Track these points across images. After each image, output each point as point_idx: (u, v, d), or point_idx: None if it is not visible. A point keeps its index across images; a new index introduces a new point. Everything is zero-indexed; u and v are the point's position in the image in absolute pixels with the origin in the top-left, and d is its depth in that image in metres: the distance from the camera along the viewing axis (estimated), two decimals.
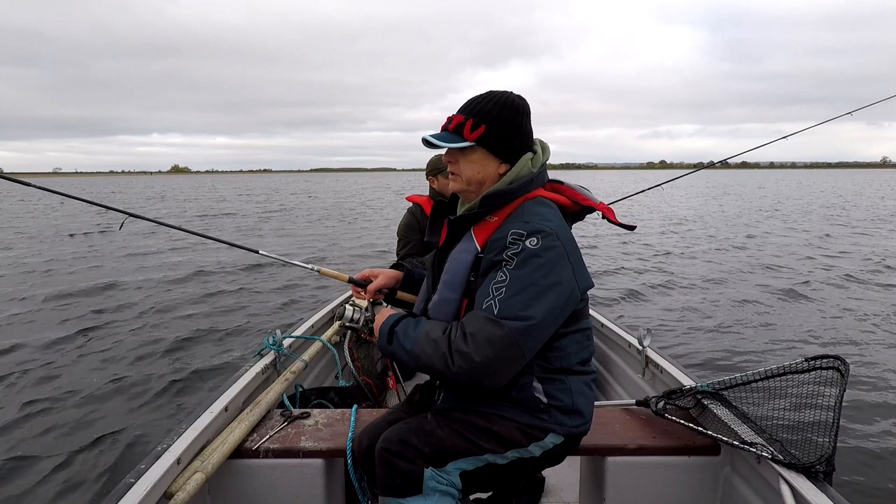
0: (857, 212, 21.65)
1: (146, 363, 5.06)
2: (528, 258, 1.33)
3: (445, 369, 1.33)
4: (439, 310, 1.50)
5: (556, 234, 1.37)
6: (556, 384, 1.47)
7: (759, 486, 1.68)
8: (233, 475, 1.79)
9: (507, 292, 1.32)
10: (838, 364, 1.64)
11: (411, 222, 3.23)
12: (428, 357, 1.36)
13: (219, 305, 7.24)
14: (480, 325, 1.31)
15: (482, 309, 1.33)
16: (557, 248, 1.36)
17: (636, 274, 9.24)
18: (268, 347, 2.44)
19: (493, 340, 1.29)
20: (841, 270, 9.29)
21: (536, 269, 1.33)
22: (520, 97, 1.50)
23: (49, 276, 9.45)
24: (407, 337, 1.41)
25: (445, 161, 1.54)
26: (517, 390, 1.46)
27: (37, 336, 5.88)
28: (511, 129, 1.46)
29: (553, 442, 1.49)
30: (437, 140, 1.46)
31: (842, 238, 13.70)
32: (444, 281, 1.50)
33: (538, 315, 1.31)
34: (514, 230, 1.37)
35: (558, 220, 1.44)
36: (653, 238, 14.08)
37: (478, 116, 1.45)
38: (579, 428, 1.51)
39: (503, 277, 1.33)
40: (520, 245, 1.34)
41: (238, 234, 16.15)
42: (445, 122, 1.50)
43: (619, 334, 2.82)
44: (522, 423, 1.46)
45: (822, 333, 5.89)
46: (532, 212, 1.43)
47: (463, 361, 1.30)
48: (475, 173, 1.48)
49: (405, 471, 1.42)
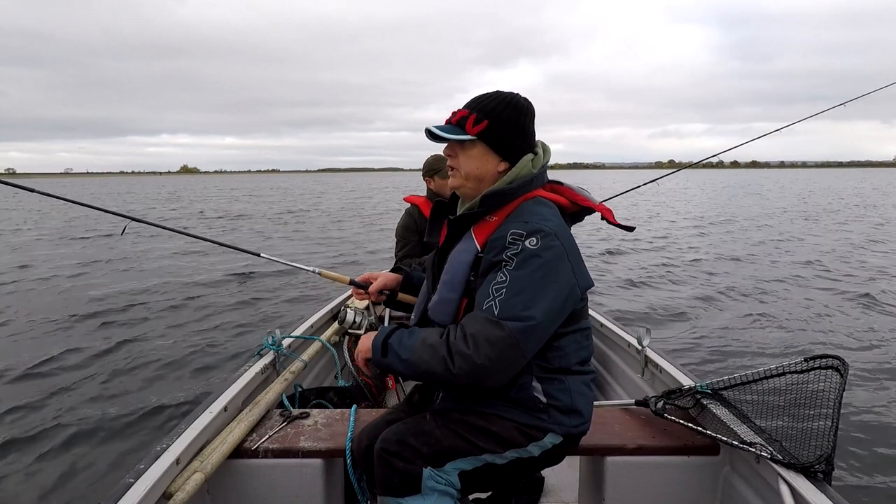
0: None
1: (146, 363, 5.06)
2: (528, 258, 1.33)
3: (446, 372, 1.32)
4: (439, 310, 1.50)
5: (556, 234, 1.37)
6: (556, 384, 1.47)
7: (758, 486, 1.68)
8: (232, 475, 1.79)
9: (507, 293, 1.32)
10: (837, 364, 1.64)
11: (409, 223, 3.22)
12: (426, 363, 1.35)
13: (219, 306, 7.24)
14: (481, 326, 1.31)
15: (482, 310, 1.33)
16: (557, 248, 1.36)
17: (640, 270, 9.26)
18: (267, 347, 2.44)
19: (494, 341, 1.29)
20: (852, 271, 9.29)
21: (536, 270, 1.33)
22: (526, 99, 1.51)
23: (50, 276, 9.46)
24: (403, 347, 1.40)
25: (446, 154, 1.54)
26: (516, 390, 1.45)
27: (37, 335, 5.88)
28: (513, 128, 1.46)
29: (552, 442, 1.49)
30: (440, 131, 1.46)
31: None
32: (444, 281, 1.50)
33: (538, 315, 1.31)
34: (514, 230, 1.37)
35: (557, 220, 1.44)
36: (684, 237, 13.99)
37: (482, 112, 1.45)
38: (578, 428, 1.51)
39: (503, 278, 1.33)
40: (519, 245, 1.35)
41: (258, 236, 16.01)
42: (450, 115, 1.51)
43: (618, 334, 2.82)
44: (521, 423, 1.46)
45: (823, 333, 5.89)
46: (531, 211, 1.43)
47: (464, 363, 1.30)
48: (474, 168, 1.48)
49: (403, 471, 1.42)
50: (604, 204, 1.60)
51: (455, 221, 1.52)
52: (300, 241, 14.81)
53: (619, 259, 10.88)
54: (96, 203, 2.53)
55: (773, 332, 5.93)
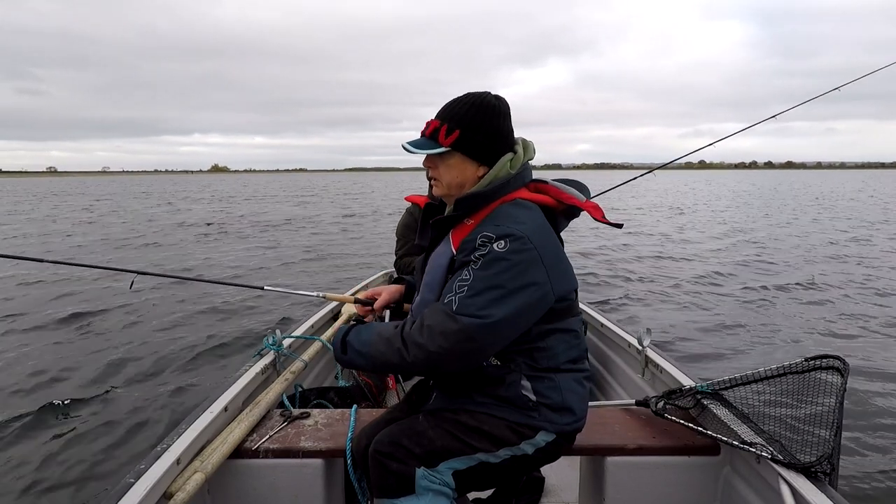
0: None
1: (146, 363, 5.06)
2: (494, 260, 1.35)
3: (402, 361, 1.38)
4: (420, 311, 1.50)
5: (528, 238, 1.37)
6: (546, 382, 1.47)
7: (758, 486, 1.68)
8: (232, 475, 1.79)
9: (468, 291, 1.34)
10: (838, 364, 1.64)
11: (409, 222, 3.24)
12: (382, 355, 1.41)
13: (219, 306, 7.24)
14: (438, 318, 1.35)
15: (443, 303, 1.37)
16: (528, 252, 1.36)
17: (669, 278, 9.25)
18: (267, 347, 2.44)
19: (448, 334, 1.32)
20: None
21: (502, 272, 1.34)
22: (497, 98, 1.50)
23: (51, 275, 9.45)
24: (360, 342, 1.46)
25: (425, 166, 1.55)
26: (505, 388, 1.46)
27: (35, 334, 5.88)
28: (486, 132, 1.46)
29: (545, 440, 1.49)
30: (414, 148, 1.48)
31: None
32: (425, 283, 1.54)
33: (497, 315, 1.32)
34: (484, 233, 1.38)
35: (534, 223, 1.43)
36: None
37: (452, 121, 1.46)
38: (571, 426, 1.51)
39: (467, 276, 1.36)
40: (487, 248, 1.36)
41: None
42: (424, 127, 1.51)
43: (618, 334, 2.82)
44: (512, 422, 1.47)
45: (823, 333, 5.89)
46: (507, 214, 1.43)
47: (419, 351, 1.35)
48: (454, 178, 1.50)
49: (397, 472, 1.44)
50: (591, 200, 1.57)
51: (437, 225, 1.54)
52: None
53: (619, 258, 10.88)
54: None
55: (774, 332, 5.92)
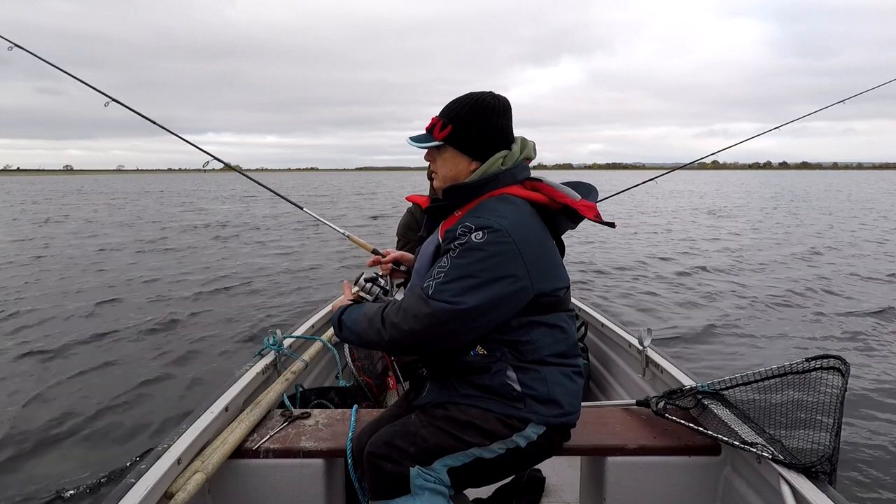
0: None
1: (146, 363, 5.06)
2: (470, 250, 1.40)
3: (380, 339, 1.45)
4: None
5: (506, 231, 1.41)
6: (531, 373, 1.49)
7: (759, 487, 1.68)
8: (233, 475, 1.79)
9: (444, 277, 1.39)
10: (839, 364, 1.64)
11: (410, 222, 3.24)
12: (365, 332, 1.50)
13: (220, 306, 7.24)
14: (414, 301, 1.41)
15: (421, 287, 1.42)
16: (505, 245, 1.40)
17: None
18: (268, 347, 2.44)
19: (420, 317, 1.38)
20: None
21: (476, 262, 1.39)
22: (494, 97, 1.55)
23: (51, 271, 9.46)
24: (350, 320, 1.56)
25: (427, 160, 1.65)
26: (490, 377, 1.49)
27: (35, 333, 5.89)
28: (478, 128, 1.52)
29: (535, 432, 1.50)
30: (413, 142, 1.59)
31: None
32: (415, 269, 1.61)
33: (469, 303, 1.37)
34: (465, 223, 1.44)
35: (515, 217, 1.46)
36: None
37: (447, 117, 1.55)
38: (559, 419, 1.51)
39: (445, 264, 1.42)
40: (466, 237, 1.42)
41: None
42: (429, 123, 1.60)
43: (619, 334, 2.82)
44: (501, 414, 1.48)
45: (823, 333, 5.88)
46: (489, 208, 1.48)
47: (393, 331, 1.42)
48: (448, 170, 1.58)
49: (391, 472, 1.45)
50: (586, 201, 1.57)
51: (431, 216, 1.64)
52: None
53: (616, 255, 10.88)
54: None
55: (775, 332, 5.92)
